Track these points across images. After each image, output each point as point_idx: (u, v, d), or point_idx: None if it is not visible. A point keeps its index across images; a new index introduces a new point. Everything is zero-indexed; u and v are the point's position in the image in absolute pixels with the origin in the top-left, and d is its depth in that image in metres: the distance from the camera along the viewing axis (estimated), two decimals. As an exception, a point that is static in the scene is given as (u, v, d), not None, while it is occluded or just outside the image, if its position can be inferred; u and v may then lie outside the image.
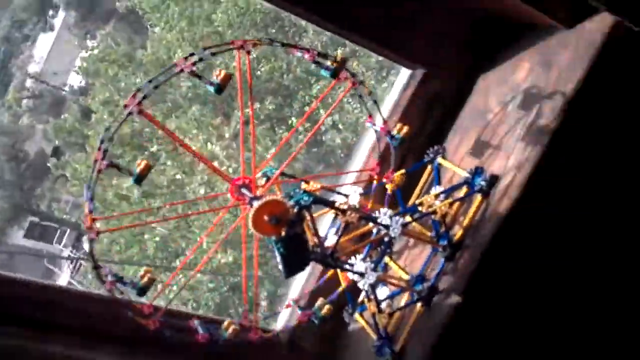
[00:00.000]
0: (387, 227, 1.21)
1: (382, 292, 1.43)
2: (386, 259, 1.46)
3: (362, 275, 1.24)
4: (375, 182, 1.33)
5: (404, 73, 1.36)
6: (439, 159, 1.39)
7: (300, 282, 1.57)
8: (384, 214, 1.22)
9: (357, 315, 1.46)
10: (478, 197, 1.28)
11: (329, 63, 1.16)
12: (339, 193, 1.36)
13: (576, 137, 1.25)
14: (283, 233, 1.10)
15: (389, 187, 1.33)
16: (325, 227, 1.34)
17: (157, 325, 1.14)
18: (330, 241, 1.25)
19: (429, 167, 1.41)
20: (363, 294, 1.34)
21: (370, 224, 1.27)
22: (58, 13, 10.12)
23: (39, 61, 10.42)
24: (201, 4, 6.44)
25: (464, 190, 1.31)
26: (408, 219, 1.27)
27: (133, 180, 1.07)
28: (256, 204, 1.07)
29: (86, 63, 7.32)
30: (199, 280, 6.42)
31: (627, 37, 1.20)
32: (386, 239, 1.23)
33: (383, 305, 1.40)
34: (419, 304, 1.34)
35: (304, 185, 1.29)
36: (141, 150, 6.78)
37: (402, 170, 1.35)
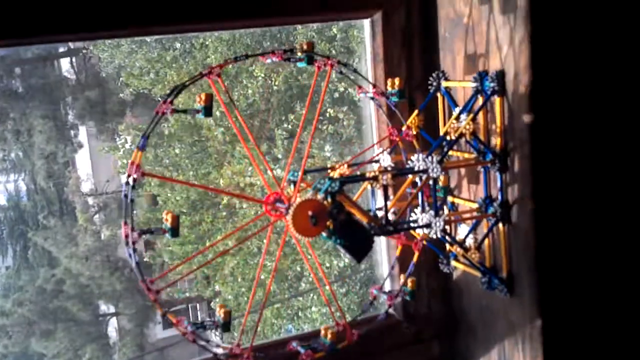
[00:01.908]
0: (425, 171, 1.18)
1: (463, 230, 1.40)
2: (450, 198, 1.43)
3: (428, 226, 1.21)
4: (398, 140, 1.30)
5: (366, 24, 1.32)
6: (443, 83, 1.34)
7: (384, 259, 1.55)
8: (416, 160, 1.18)
9: (454, 262, 1.43)
10: (497, 99, 1.23)
11: (299, 55, 1.16)
12: (368, 163, 1.33)
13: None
14: (331, 225, 1.08)
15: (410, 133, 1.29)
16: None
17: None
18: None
19: (439, 96, 1.36)
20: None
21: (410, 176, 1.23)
22: (79, 129, 10.56)
23: (87, 178, 10.89)
24: (193, 56, 6.56)
25: (480, 100, 1.25)
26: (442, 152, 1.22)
27: (170, 235, 1.07)
28: (289, 214, 1.06)
29: (126, 160, 7.57)
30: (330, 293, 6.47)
31: None
32: (430, 182, 1.20)
33: (470, 242, 1.37)
34: (500, 225, 1.29)
35: (331, 173, 1.27)
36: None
37: (415, 111, 1.32)
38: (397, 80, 1.24)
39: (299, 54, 1.16)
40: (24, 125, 10.35)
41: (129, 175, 1.06)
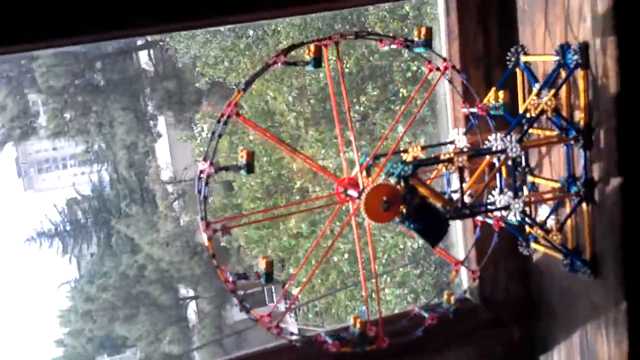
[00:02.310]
0: (503, 150, 1.14)
1: (544, 211, 1.35)
2: (530, 178, 1.38)
3: (507, 208, 1.18)
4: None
5: (440, 1, 1.28)
6: (522, 58, 1.29)
7: (460, 242, 1.52)
8: (494, 140, 1.15)
9: (533, 245, 1.38)
10: (580, 73, 1.17)
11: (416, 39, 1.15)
12: (442, 144, 1.30)
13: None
14: (404, 210, 1.06)
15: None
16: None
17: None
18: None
19: (518, 71, 1.31)
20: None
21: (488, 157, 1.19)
22: (157, 120, 10.91)
23: (166, 167, 11.29)
24: (265, 43, 6.63)
25: (562, 74, 1.20)
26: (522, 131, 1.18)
27: (245, 172, 1.09)
28: (361, 200, 1.05)
29: (202, 148, 7.75)
30: (404, 273, 6.44)
31: None
32: (509, 162, 1.16)
33: (551, 223, 1.32)
34: (583, 205, 1.24)
35: (404, 156, 1.25)
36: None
37: (493, 89, 1.28)
38: (501, 94, 1.20)
39: (416, 39, 1.15)
40: (106, 118, 10.75)
41: (222, 115, 1.08)
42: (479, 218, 1.28)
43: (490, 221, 1.26)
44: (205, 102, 9.56)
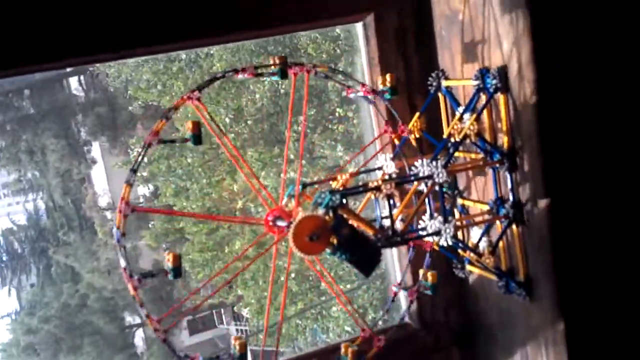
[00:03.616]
0: (430, 176, 1.12)
1: (475, 233, 1.35)
2: (460, 200, 1.37)
3: (438, 233, 1.16)
4: (395, 140, 1.25)
5: (359, 28, 1.26)
6: (444, 82, 1.28)
7: (396, 268, 1.51)
8: (420, 166, 1.13)
9: (469, 267, 1.37)
10: (500, 97, 1.17)
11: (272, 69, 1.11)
12: (371, 170, 1.28)
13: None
14: (334, 241, 1.03)
15: (412, 137, 1.24)
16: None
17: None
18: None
19: (440, 96, 1.30)
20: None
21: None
22: (92, 146, 10.63)
23: (103, 193, 10.99)
24: (199, 66, 6.54)
25: (483, 98, 1.19)
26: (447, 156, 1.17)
27: (172, 276, 1.05)
28: (289, 235, 1.01)
29: (139, 173, 7.56)
30: (352, 289, 6.44)
31: None
32: (437, 187, 1.14)
33: (483, 245, 1.31)
34: (514, 227, 1.23)
35: (333, 184, 1.22)
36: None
37: (417, 114, 1.26)
38: (388, 77, 1.18)
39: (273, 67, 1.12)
40: (37, 146, 10.43)
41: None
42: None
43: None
44: (140, 126, 9.36)
